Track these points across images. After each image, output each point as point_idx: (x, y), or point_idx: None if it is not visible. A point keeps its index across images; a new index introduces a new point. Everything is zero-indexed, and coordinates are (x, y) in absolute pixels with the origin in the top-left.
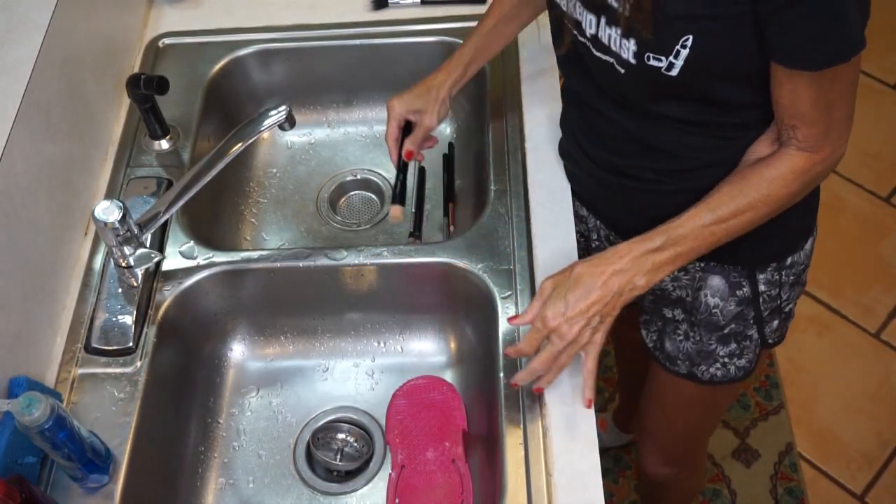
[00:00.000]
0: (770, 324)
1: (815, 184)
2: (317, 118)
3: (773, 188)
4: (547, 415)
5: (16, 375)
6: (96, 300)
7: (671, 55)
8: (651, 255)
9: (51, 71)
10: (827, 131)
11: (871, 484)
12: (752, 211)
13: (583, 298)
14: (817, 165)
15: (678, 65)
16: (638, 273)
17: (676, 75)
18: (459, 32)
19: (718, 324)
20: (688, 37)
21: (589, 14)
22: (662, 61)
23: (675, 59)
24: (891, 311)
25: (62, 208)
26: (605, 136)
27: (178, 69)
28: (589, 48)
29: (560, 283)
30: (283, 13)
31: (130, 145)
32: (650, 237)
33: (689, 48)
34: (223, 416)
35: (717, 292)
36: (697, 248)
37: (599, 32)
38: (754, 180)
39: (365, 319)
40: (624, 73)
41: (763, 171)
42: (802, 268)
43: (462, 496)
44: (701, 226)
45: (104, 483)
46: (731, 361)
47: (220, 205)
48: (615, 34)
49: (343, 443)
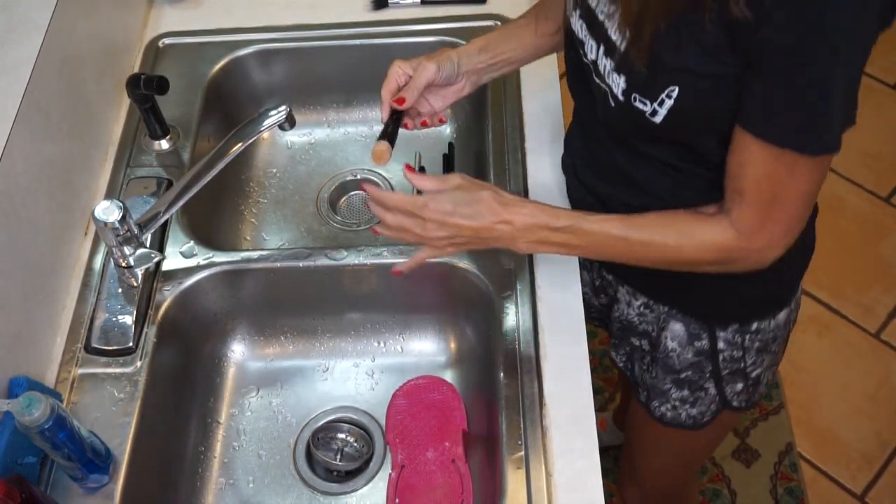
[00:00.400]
0: (732, 384)
1: (733, 269)
2: (317, 118)
3: (688, 245)
4: (547, 415)
5: (16, 375)
6: (96, 300)
7: (656, 102)
8: (547, 231)
9: (51, 71)
10: (762, 224)
11: (871, 484)
12: (659, 252)
13: (467, 218)
14: (740, 253)
15: (662, 113)
16: (524, 238)
17: (659, 122)
18: (459, 32)
19: (675, 367)
20: (674, 88)
21: (591, 39)
22: (647, 106)
23: (659, 106)
24: (891, 311)
25: (62, 208)
26: (597, 161)
27: (178, 69)
28: (590, 72)
29: (464, 188)
30: (283, 13)
31: (130, 145)
32: (558, 214)
33: (673, 99)
34: (223, 416)
35: (676, 337)
36: (593, 251)
37: (598, 60)
38: (678, 226)
39: (365, 319)
40: (614, 106)
41: (692, 223)
42: (771, 337)
43: (462, 496)
44: (607, 233)
45: (104, 483)
46: (682, 406)
47: (220, 205)
48: (609, 66)
49: (343, 443)
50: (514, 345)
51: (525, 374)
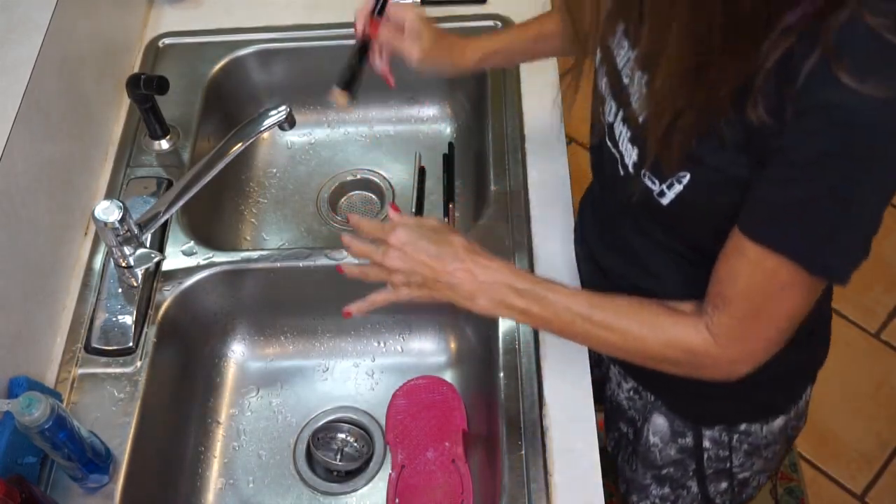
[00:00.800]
0: (716, 483)
1: (697, 375)
2: (317, 118)
3: (653, 339)
4: (547, 415)
5: (16, 375)
6: (96, 300)
7: (665, 184)
8: (508, 291)
9: (51, 71)
10: (740, 336)
11: (871, 484)
12: (621, 337)
13: (430, 256)
14: (709, 360)
15: (669, 196)
16: (485, 293)
17: (666, 205)
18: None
19: (656, 462)
20: (685, 174)
21: (612, 100)
22: (656, 185)
23: (667, 189)
24: (891, 311)
25: (62, 208)
26: (607, 232)
27: (178, 69)
28: (606, 133)
29: (437, 229)
30: (283, 13)
31: (130, 145)
32: (522, 276)
33: (683, 185)
34: (223, 416)
35: (658, 432)
36: (555, 325)
37: (616, 123)
38: (646, 315)
39: (365, 319)
40: (622, 175)
41: (662, 316)
42: (764, 442)
43: (462, 496)
44: (569, 308)
45: (104, 483)
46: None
47: (220, 205)
48: (625, 134)
49: (343, 443)
50: (514, 345)
51: (525, 374)
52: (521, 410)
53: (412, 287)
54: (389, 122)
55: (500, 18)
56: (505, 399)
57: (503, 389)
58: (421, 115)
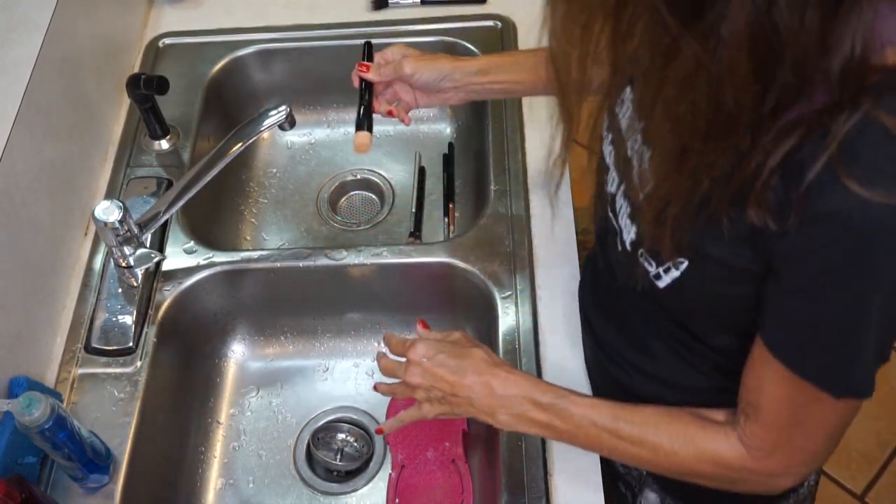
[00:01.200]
0: None
1: (735, 489)
2: (317, 118)
3: (685, 453)
4: None
5: (16, 375)
6: (96, 300)
7: (661, 267)
8: (529, 405)
9: (51, 71)
10: (777, 448)
11: (871, 484)
12: (651, 452)
13: (449, 370)
14: (745, 474)
15: (665, 280)
16: (505, 408)
17: (662, 288)
18: (459, 32)
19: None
20: (684, 261)
21: (615, 171)
22: (652, 267)
23: (664, 273)
24: None
25: (62, 208)
26: (602, 297)
27: (178, 69)
28: (609, 203)
29: (459, 343)
30: (283, 13)
31: (130, 145)
32: (544, 389)
33: (680, 272)
34: (223, 416)
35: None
36: (576, 437)
37: (617, 196)
38: (676, 427)
39: (365, 319)
40: (621, 250)
41: (693, 428)
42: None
43: (462, 496)
44: (594, 422)
45: (104, 483)
46: None
47: (220, 205)
48: (625, 209)
49: (343, 443)
50: (515, 345)
51: None
52: None
53: (433, 403)
54: (389, 122)
55: (500, 18)
56: None
57: None
58: (421, 115)
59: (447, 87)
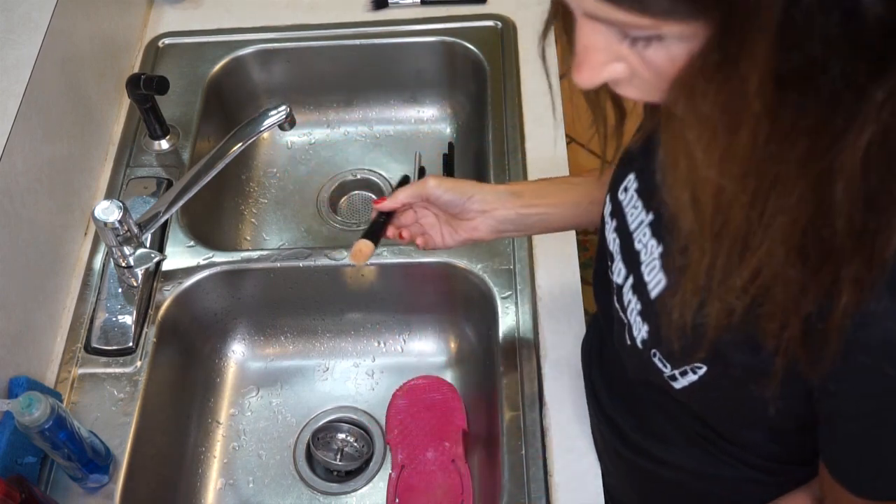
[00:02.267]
0: None
1: None
2: (317, 118)
3: None
4: (547, 415)
5: (16, 375)
6: (96, 300)
7: (678, 370)
8: None
9: (51, 71)
10: None
11: None
12: None
13: None
14: None
15: (682, 383)
16: None
17: (678, 389)
18: (459, 32)
19: None
20: (702, 367)
21: (621, 262)
22: (667, 368)
23: (681, 376)
24: None
25: (62, 208)
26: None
27: (178, 69)
28: (614, 294)
29: None
30: (283, 13)
31: (130, 145)
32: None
33: (699, 376)
34: (223, 416)
35: None
36: None
37: (625, 289)
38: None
39: (365, 319)
40: (630, 344)
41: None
42: None
43: (462, 496)
44: None
45: (104, 483)
46: None
47: (220, 205)
48: (635, 304)
49: (343, 443)
50: (514, 345)
51: (525, 374)
52: (521, 410)
53: None
54: (389, 122)
55: (500, 18)
56: (505, 399)
57: (503, 389)
58: (421, 115)
59: (473, 209)
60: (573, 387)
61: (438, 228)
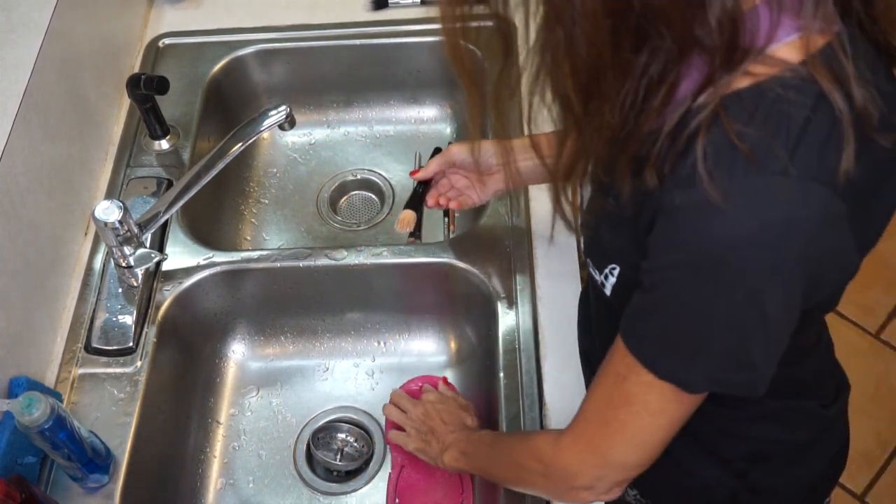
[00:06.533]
0: None
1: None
2: (317, 118)
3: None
4: (547, 415)
5: (16, 375)
6: (96, 300)
7: (602, 274)
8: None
9: (51, 71)
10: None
11: (871, 484)
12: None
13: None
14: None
15: (608, 287)
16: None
17: (609, 295)
18: None
19: None
20: (615, 266)
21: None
22: (598, 274)
23: (605, 280)
24: (891, 311)
25: (62, 208)
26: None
27: (178, 69)
28: None
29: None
30: (283, 13)
31: (130, 145)
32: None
33: (615, 277)
34: (223, 416)
35: None
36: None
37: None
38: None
39: (365, 319)
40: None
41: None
42: None
43: (462, 496)
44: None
45: (104, 483)
46: None
47: (220, 205)
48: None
49: (343, 443)
50: (514, 345)
51: (525, 374)
52: (521, 410)
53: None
54: (389, 122)
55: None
56: (505, 399)
57: (503, 389)
58: (421, 115)
59: (496, 164)
60: (573, 387)
61: (472, 188)
